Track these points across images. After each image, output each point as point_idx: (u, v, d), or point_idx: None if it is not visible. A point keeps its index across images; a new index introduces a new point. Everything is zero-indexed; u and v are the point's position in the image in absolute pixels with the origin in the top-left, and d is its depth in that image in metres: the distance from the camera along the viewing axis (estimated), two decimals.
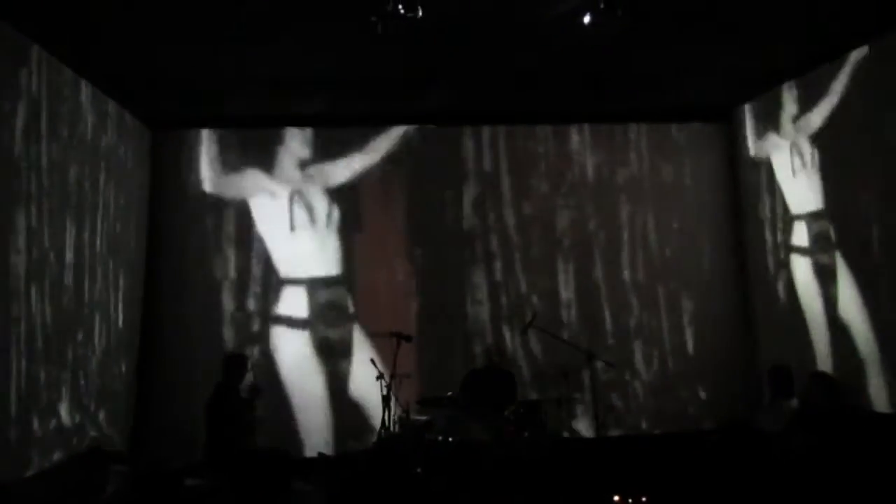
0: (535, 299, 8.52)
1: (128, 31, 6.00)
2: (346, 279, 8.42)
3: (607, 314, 8.62)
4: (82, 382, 6.74)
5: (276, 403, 7.97)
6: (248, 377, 6.57)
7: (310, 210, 8.48)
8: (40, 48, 6.05)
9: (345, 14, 5.78)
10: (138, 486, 6.22)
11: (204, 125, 8.46)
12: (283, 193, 8.46)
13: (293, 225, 8.45)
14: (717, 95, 8.32)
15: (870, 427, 5.87)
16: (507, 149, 8.80)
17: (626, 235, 8.78)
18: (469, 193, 8.67)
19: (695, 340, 8.67)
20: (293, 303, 8.33)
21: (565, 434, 6.86)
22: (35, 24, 5.73)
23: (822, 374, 6.31)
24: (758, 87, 8.09)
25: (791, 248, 7.86)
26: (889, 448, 5.43)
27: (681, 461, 6.43)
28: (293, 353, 8.27)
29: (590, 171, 8.85)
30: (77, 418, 6.62)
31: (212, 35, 6.18)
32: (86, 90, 6.90)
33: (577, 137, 8.86)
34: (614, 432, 7.99)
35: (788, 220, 7.88)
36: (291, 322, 8.33)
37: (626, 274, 8.72)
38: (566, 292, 8.62)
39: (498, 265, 8.60)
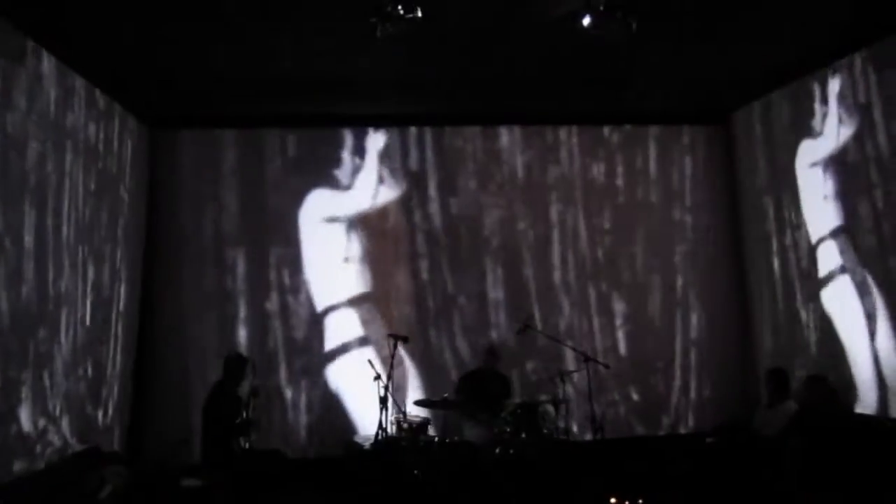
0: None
1: (127, 29, 6.02)
2: None
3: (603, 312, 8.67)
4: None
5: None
6: (248, 381, 6.55)
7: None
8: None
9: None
10: (135, 486, 6.21)
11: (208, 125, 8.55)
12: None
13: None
14: (713, 99, 8.34)
15: (865, 430, 5.88)
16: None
17: (617, 239, 8.83)
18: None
19: (693, 343, 8.69)
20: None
21: (562, 435, 6.84)
22: (32, 21, 5.75)
23: (819, 378, 6.31)
24: (754, 91, 8.11)
25: (791, 253, 7.89)
26: (883, 451, 5.45)
27: (678, 463, 6.45)
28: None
29: (582, 172, 8.89)
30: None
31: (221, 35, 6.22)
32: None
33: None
34: (611, 434, 8.01)
35: (788, 224, 7.91)
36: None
37: (622, 273, 8.76)
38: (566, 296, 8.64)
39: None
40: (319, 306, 8.39)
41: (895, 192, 6.33)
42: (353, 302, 8.41)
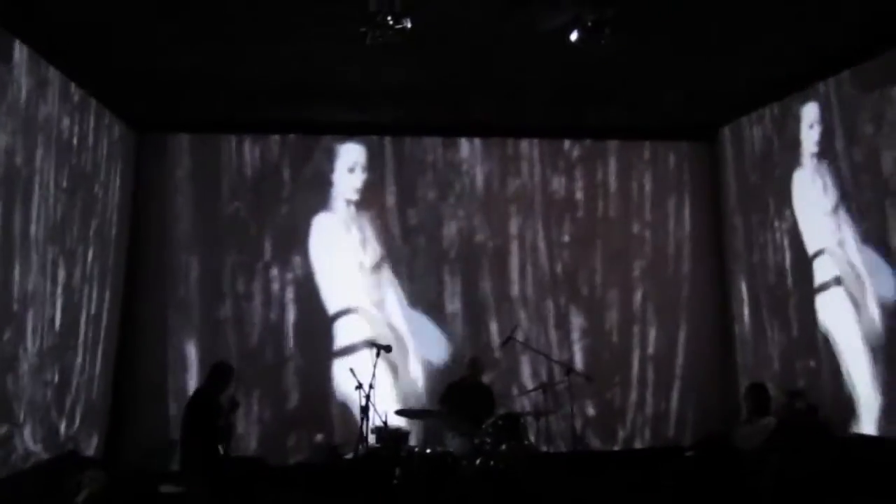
0: None
1: (114, 31, 6.04)
2: None
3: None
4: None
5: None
6: (230, 390, 6.53)
7: None
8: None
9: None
10: (113, 492, 6.17)
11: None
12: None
13: None
14: (701, 114, 8.43)
15: (844, 445, 5.92)
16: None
17: (595, 251, 8.91)
18: None
19: (675, 357, 8.75)
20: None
21: (543, 447, 6.85)
22: (19, 21, 5.73)
23: (797, 392, 6.37)
24: (741, 107, 8.21)
25: (774, 268, 7.96)
26: (862, 466, 5.49)
27: (658, 476, 6.47)
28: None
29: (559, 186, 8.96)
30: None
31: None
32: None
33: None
34: (595, 447, 8.04)
35: (769, 239, 7.99)
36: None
37: (611, 292, 8.80)
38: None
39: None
40: (298, 315, 8.41)
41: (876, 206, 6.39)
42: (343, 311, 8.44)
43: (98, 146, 7.60)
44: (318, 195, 8.59)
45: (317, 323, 8.39)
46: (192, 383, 7.86)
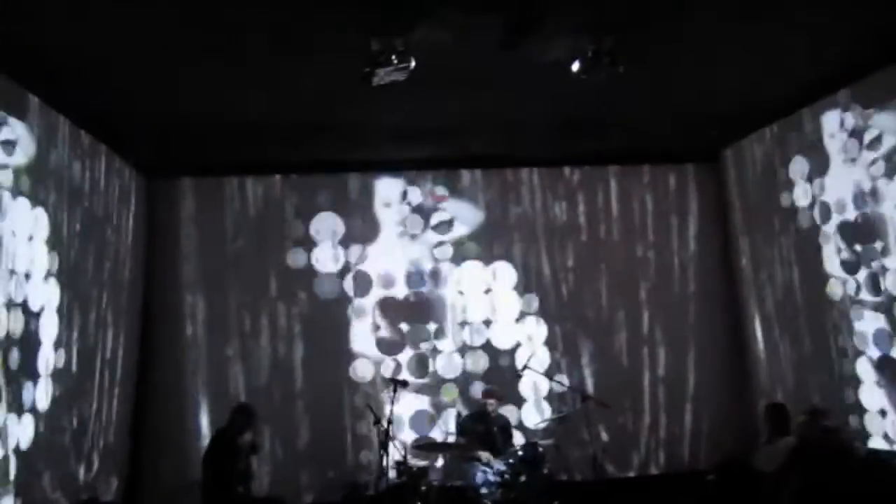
0: None
1: (121, 77, 6.10)
2: None
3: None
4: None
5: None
6: (250, 433, 6.55)
7: None
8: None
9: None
10: None
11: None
12: None
13: None
14: (703, 137, 8.46)
15: (865, 463, 5.88)
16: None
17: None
18: None
19: (692, 381, 8.72)
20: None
21: (563, 477, 6.83)
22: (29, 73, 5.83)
23: (817, 411, 6.32)
24: (745, 128, 8.27)
25: (782, 285, 7.98)
26: (884, 485, 5.45)
27: (680, 502, 6.44)
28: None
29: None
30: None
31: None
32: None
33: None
34: (622, 473, 8.00)
35: (780, 258, 8.00)
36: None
37: (618, 313, 8.81)
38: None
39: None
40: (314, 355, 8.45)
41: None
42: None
43: (109, 190, 7.69)
44: (326, 231, 8.66)
45: (327, 359, 8.42)
46: (206, 424, 7.90)
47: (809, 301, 7.55)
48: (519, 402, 8.41)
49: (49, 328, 6.31)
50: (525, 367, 7.47)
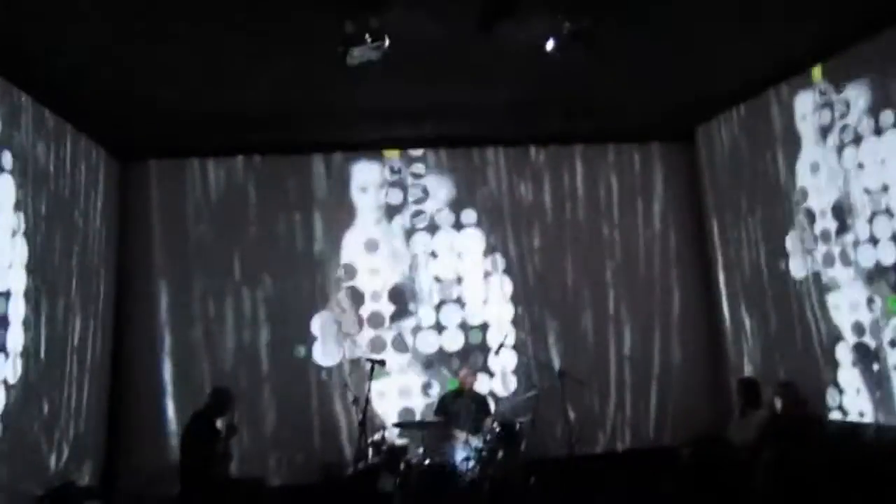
0: None
1: (94, 58, 5.97)
2: None
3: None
4: None
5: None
6: (228, 416, 6.53)
7: None
8: None
9: None
10: None
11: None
12: None
13: None
14: (678, 115, 8.48)
15: (832, 435, 6.05)
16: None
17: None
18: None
19: (665, 356, 8.80)
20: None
21: (540, 453, 6.91)
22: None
23: (787, 385, 6.48)
24: (717, 107, 8.31)
25: (749, 264, 8.11)
26: (852, 455, 5.62)
27: (657, 476, 6.56)
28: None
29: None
30: None
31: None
32: None
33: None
34: (588, 450, 8.10)
35: (750, 237, 8.10)
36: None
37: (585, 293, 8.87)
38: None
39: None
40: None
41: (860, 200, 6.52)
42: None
43: (76, 173, 7.47)
44: (292, 213, 8.60)
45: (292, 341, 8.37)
46: (177, 408, 7.89)
47: (776, 279, 7.66)
48: (495, 379, 8.43)
49: (16, 314, 6.19)
50: (501, 345, 7.51)
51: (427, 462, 6.68)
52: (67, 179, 7.31)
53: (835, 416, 6.69)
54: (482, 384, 8.13)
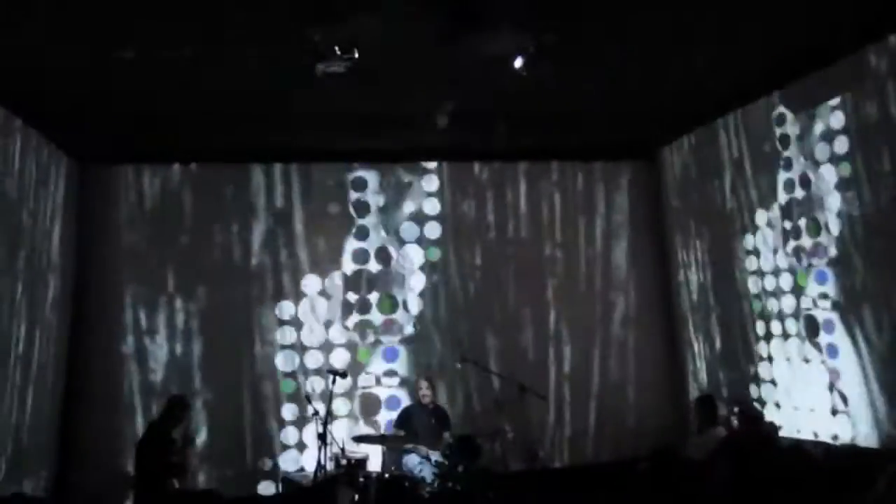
0: None
1: (53, 59, 5.79)
2: None
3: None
4: None
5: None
6: (183, 425, 6.42)
7: None
8: None
9: None
10: None
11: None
12: None
13: None
14: (640, 135, 8.61)
15: (789, 453, 6.18)
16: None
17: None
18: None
19: (625, 373, 8.91)
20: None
21: (499, 467, 6.93)
22: None
23: (744, 403, 6.62)
24: (679, 127, 8.47)
25: (697, 283, 8.34)
26: (807, 474, 5.74)
27: (612, 489, 6.62)
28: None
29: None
30: None
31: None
32: None
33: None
34: (548, 464, 8.14)
35: (711, 257, 8.27)
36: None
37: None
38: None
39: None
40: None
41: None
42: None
43: (25, 171, 7.12)
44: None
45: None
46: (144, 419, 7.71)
47: (728, 296, 7.90)
48: (455, 392, 8.44)
49: None
50: (464, 358, 7.51)
51: (386, 475, 6.66)
52: (13, 178, 6.93)
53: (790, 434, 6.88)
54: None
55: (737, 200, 7.70)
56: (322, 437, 6.53)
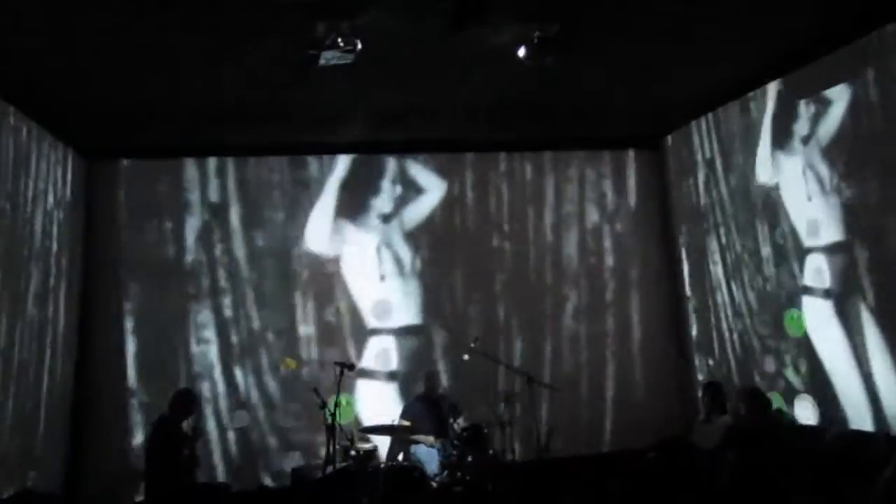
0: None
1: (59, 57, 5.86)
2: None
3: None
4: None
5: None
6: (192, 418, 6.47)
7: None
8: None
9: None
10: None
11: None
12: None
13: None
14: (646, 124, 8.62)
15: (797, 439, 6.14)
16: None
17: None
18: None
19: (633, 362, 8.93)
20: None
21: (508, 457, 6.94)
22: None
23: (750, 390, 6.57)
24: (684, 116, 8.44)
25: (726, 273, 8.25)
26: (815, 459, 5.70)
27: (619, 479, 6.61)
28: None
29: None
30: None
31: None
32: None
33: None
34: (556, 454, 8.14)
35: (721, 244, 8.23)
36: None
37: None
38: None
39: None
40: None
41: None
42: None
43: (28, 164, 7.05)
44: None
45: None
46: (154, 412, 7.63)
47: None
48: (464, 382, 8.41)
49: None
50: (472, 347, 7.52)
51: (395, 466, 6.69)
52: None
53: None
54: None
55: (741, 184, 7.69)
56: (331, 430, 6.56)
